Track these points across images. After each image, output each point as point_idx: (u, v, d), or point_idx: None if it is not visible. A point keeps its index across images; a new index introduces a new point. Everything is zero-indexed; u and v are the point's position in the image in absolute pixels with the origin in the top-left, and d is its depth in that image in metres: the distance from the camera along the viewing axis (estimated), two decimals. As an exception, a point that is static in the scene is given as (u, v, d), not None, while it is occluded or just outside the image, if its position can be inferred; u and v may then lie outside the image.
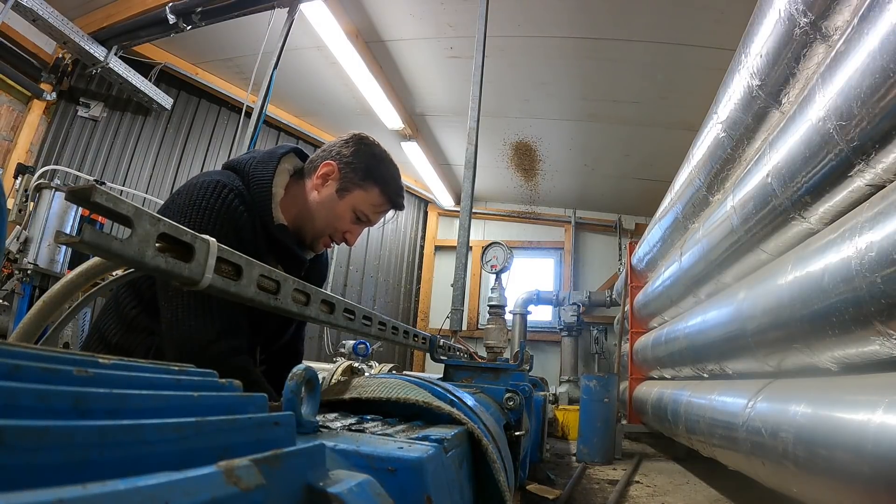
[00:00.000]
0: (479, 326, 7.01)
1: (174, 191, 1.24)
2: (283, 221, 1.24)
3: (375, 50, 4.49)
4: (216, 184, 1.15)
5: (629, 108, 4.96)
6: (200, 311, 1.09)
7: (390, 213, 1.40)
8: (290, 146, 1.34)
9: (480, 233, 7.42)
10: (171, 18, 3.54)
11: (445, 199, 7.29)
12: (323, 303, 0.81)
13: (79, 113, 4.20)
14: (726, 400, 2.33)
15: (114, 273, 0.92)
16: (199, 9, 3.52)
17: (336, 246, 1.41)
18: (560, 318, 6.62)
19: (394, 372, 3.35)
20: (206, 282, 0.56)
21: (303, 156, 1.38)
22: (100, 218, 2.79)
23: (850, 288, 1.38)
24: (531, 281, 7.24)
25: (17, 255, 3.04)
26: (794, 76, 1.99)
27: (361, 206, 1.29)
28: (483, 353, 2.73)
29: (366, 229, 1.41)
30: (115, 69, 4.01)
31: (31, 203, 3.16)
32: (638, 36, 4.02)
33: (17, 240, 3.06)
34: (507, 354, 3.48)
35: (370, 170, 1.29)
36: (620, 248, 7.03)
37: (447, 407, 0.78)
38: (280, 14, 3.49)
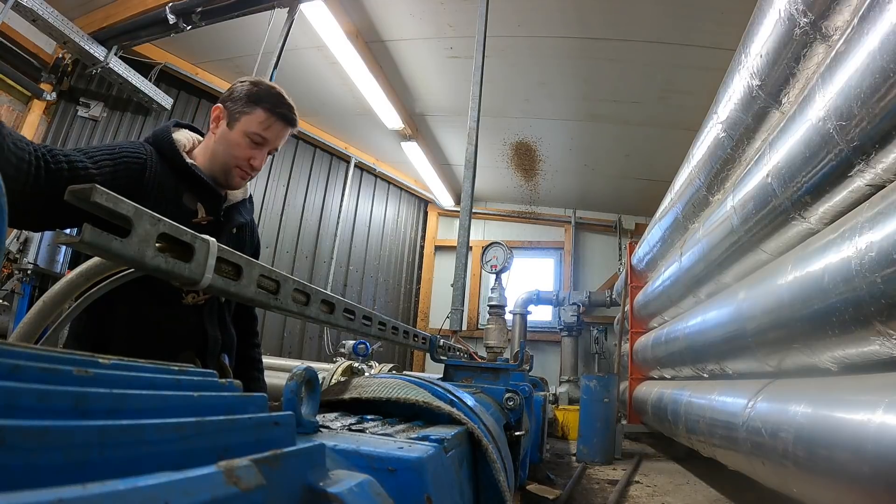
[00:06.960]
0: (479, 326, 7.01)
1: None
2: (193, 161, 1.36)
3: (375, 50, 4.49)
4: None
5: (629, 108, 4.96)
6: None
7: (282, 129, 1.42)
8: (174, 121, 1.45)
9: (480, 233, 7.42)
10: (171, 18, 3.54)
11: (445, 199, 7.29)
12: (323, 303, 0.81)
13: (79, 113, 4.20)
14: (726, 400, 2.33)
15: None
16: (199, 9, 3.52)
17: (253, 177, 1.47)
18: (560, 318, 6.62)
19: (394, 372, 3.35)
20: (206, 282, 0.56)
21: (193, 128, 1.49)
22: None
23: (850, 288, 1.39)
24: (531, 281, 7.24)
25: (17, 255, 3.04)
26: (794, 76, 2.00)
27: (251, 128, 1.37)
28: (483, 353, 2.73)
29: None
30: (115, 69, 4.01)
31: (31, 203, 3.15)
32: (638, 36, 4.02)
33: (17, 240, 3.06)
34: (507, 354, 3.47)
35: (250, 95, 1.38)
36: (620, 248, 7.03)
37: (447, 407, 0.78)
38: (280, 14, 3.49)
